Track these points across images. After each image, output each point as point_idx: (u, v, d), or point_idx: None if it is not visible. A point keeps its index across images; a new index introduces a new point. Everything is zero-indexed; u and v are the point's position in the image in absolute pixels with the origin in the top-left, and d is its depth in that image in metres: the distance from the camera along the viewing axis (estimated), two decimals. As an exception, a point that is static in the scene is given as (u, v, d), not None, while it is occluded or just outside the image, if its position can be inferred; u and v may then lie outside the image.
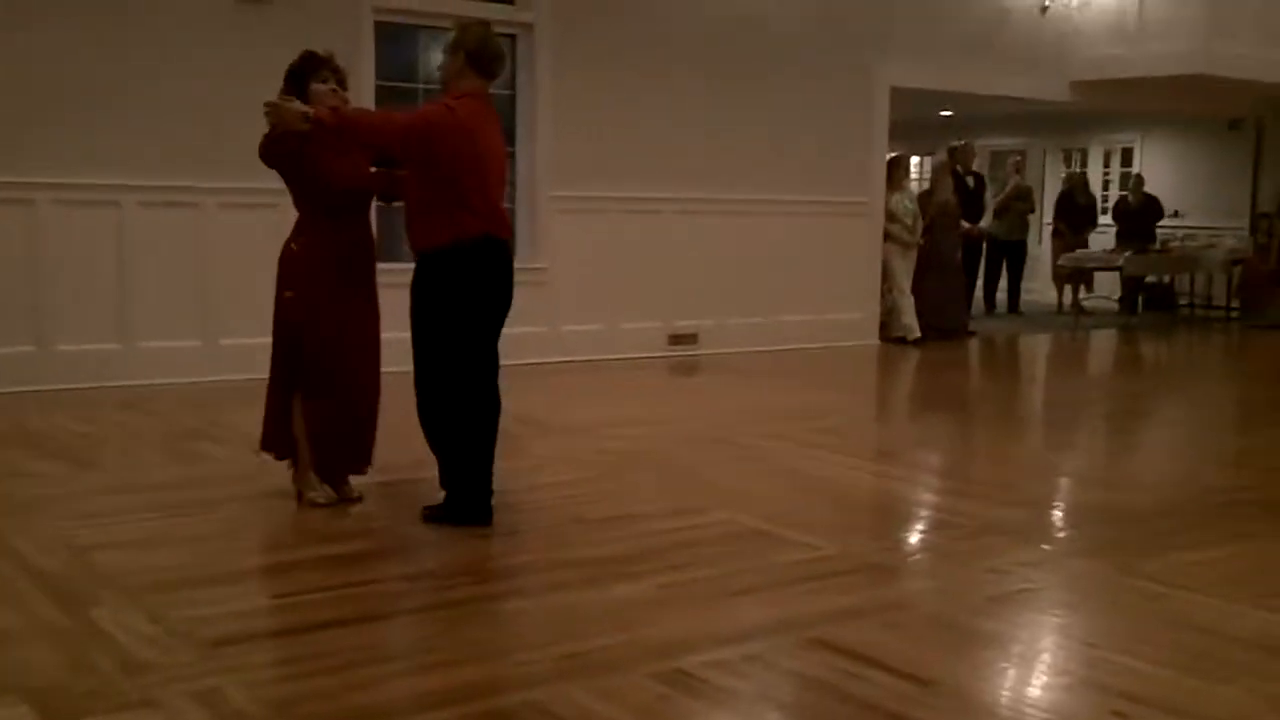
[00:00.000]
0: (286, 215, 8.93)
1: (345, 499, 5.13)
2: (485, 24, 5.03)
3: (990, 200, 12.92)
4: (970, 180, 12.88)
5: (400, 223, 4.98)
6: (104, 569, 4.26)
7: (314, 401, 5.06)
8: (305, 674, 3.36)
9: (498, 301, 4.86)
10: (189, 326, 8.38)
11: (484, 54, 4.83)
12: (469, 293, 4.76)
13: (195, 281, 8.38)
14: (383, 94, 9.01)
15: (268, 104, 4.78)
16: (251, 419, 7.08)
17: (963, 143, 13.31)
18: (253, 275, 8.47)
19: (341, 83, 5.05)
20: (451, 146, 4.67)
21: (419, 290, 4.83)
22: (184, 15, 8.23)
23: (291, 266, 5.08)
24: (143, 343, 8.25)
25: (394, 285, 5.07)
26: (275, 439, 5.21)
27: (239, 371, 8.35)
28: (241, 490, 5.44)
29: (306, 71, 5.00)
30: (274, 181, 8.40)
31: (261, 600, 4.00)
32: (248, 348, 8.45)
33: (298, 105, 4.78)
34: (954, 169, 12.81)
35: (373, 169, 5.13)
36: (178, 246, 8.32)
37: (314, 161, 4.91)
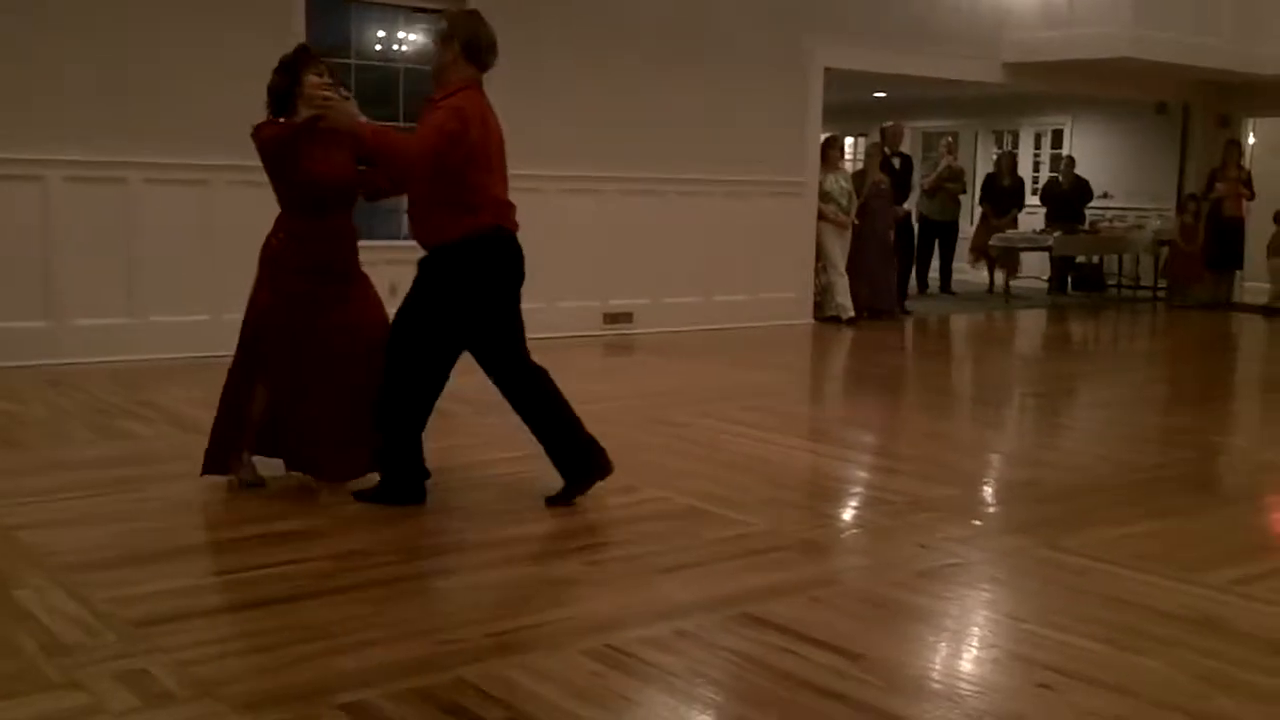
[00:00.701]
0: (215, 191, 8.89)
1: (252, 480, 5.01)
2: (475, 13, 4.96)
3: (918, 181, 13.00)
4: (896, 161, 12.94)
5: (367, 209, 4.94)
6: (28, 549, 4.19)
7: (279, 395, 4.91)
8: (234, 654, 3.33)
9: (510, 292, 4.88)
10: (117, 304, 8.25)
11: (478, 44, 4.76)
12: (481, 287, 4.77)
13: (123, 258, 8.24)
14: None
15: (327, 95, 4.69)
16: (180, 397, 7.04)
17: (890, 124, 13.39)
18: (182, 252, 8.42)
19: (332, 78, 4.92)
20: (465, 149, 4.63)
21: (429, 285, 4.78)
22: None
23: (269, 260, 4.98)
24: (70, 320, 8.11)
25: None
26: (217, 459, 5.00)
27: (169, 350, 8.27)
28: (169, 469, 5.36)
29: (301, 64, 4.87)
30: (201, 157, 8.34)
31: (189, 580, 3.95)
32: (177, 325, 8.39)
33: (352, 108, 4.72)
34: (882, 150, 12.91)
35: (360, 167, 4.99)
36: (105, 223, 8.18)
37: (303, 157, 4.80)
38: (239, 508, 4.78)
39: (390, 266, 7.04)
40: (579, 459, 4.87)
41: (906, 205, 12.92)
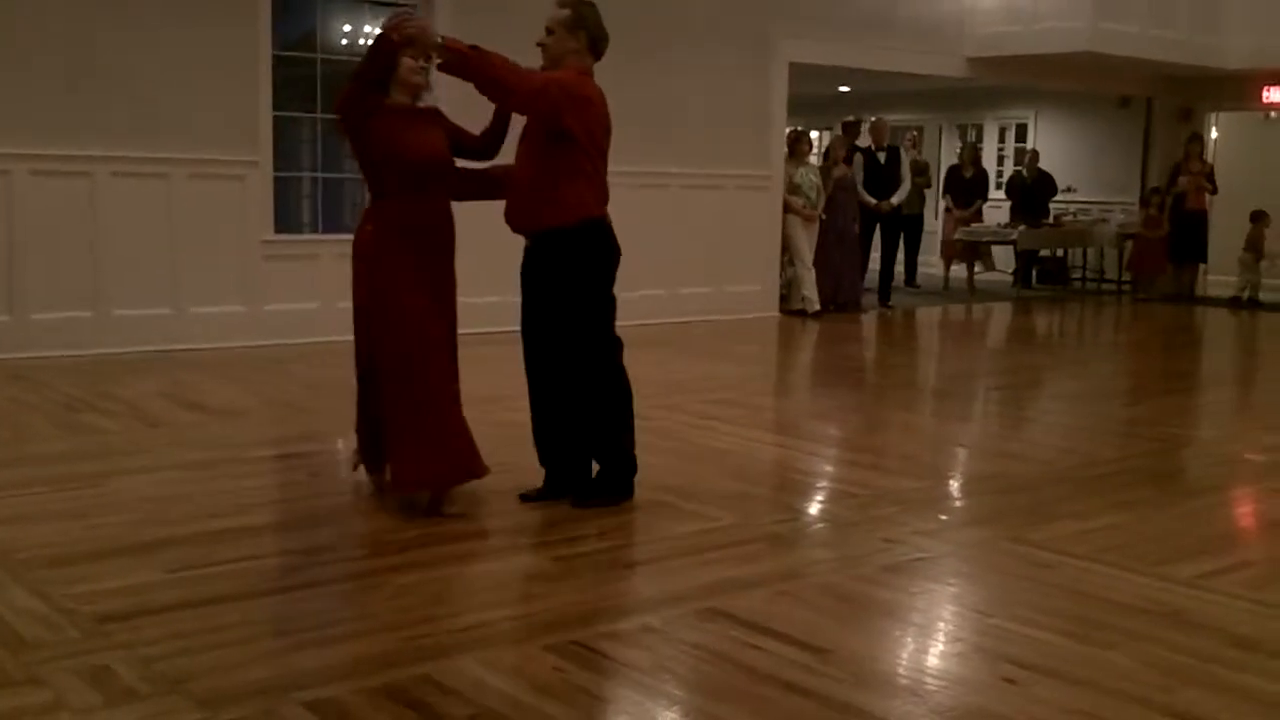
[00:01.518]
0: (177, 185, 8.80)
1: (434, 509, 4.63)
2: (594, 4, 4.91)
3: (904, 175, 13.01)
4: (882, 156, 12.96)
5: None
6: (-13, 546, 4.14)
7: (393, 387, 4.59)
8: (197, 649, 3.30)
9: (612, 282, 4.93)
10: (81, 298, 8.16)
11: (602, 36, 4.87)
12: (599, 273, 4.81)
13: (87, 252, 8.16)
14: (279, 64, 8.83)
15: (414, 22, 4.60)
16: (144, 390, 6.98)
17: (872, 119, 13.41)
18: (144, 245, 8.34)
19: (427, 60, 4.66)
20: (586, 119, 4.62)
21: (541, 273, 4.75)
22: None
23: (363, 250, 4.68)
24: (33, 315, 8.02)
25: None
26: (368, 452, 4.84)
27: (132, 343, 8.19)
28: (133, 463, 5.32)
29: (397, 48, 4.56)
30: (165, 150, 8.26)
31: (152, 575, 3.90)
32: (141, 319, 8.31)
33: (436, 33, 4.57)
34: (866, 146, 12.95)
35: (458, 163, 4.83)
36: (69, 216, 8.10)
37: (383, 136, 4.55)
38: (203, 502, 4.74)
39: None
40: (628, 471, 4.87)
41: (894, 199, 12.90)
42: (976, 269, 14.91)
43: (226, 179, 8.50)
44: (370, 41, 4.63)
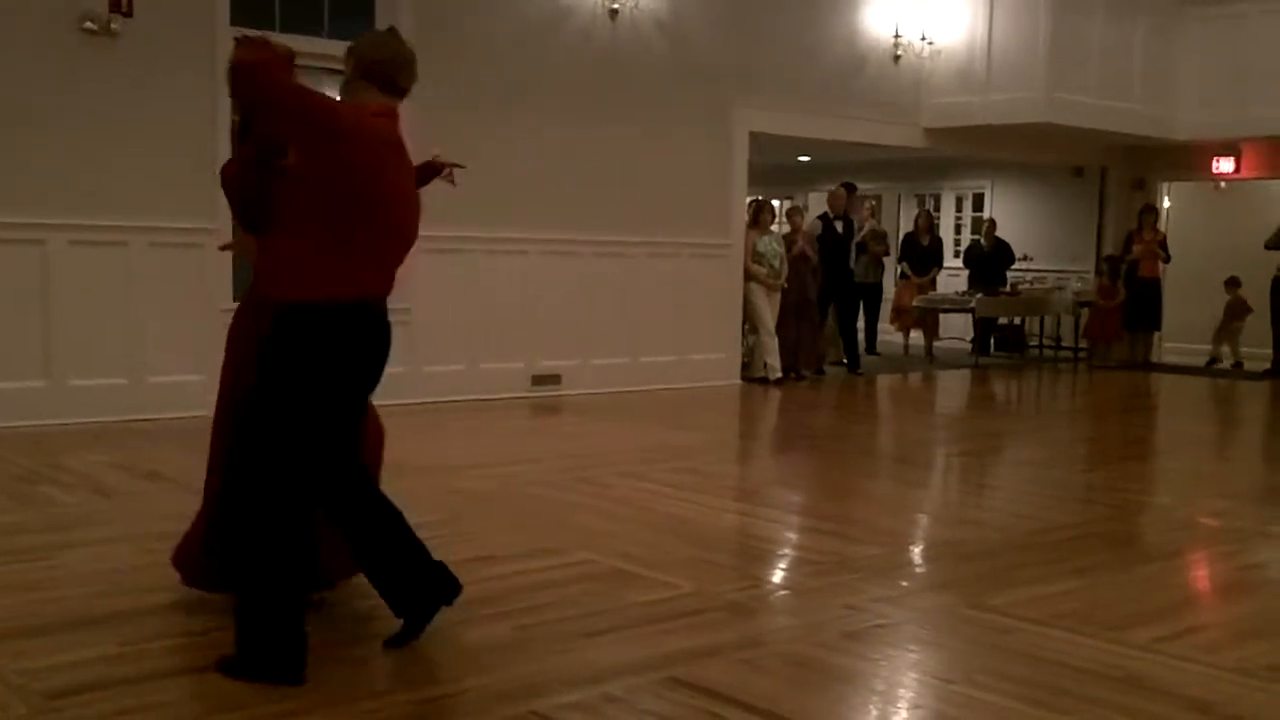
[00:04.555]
0: (135, 253, 8.77)
1: None
2: (390, 29, 4.00)
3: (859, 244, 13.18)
4: (839, 225, 13.09)
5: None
6: (-66, 620, 4.07)
7: None
8: (148, 726, 3.24)
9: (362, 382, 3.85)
10: (34, 367, 8.09)
11: (383, 61, 3.78)
12: (334, 367, 3.69)
13: (41, 321, 8.10)
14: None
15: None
16: (99, 462, 6.90)
17: (833, 188, 13.56)
18: (101, 314, 8.29)
19: None
20: (358, 161, 3.57)
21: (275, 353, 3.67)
22: (26, 47, 7.98)
23: None
24: (-17, 384, 7.95)
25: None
26: None
27: (87, 414, 8.11)
28: (86, 535, 5.25)
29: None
30: (122, 219, 8.25)
31: (103, 649, 3.84)
32: (96, 389, 8.24)
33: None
34: (822, 213, 13.10)
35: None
36: (23, 285, 8.05)
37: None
38: (157, 573, 4.66)
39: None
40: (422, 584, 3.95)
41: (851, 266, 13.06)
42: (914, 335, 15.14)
43: (184, 247, 8.48)
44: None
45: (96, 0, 8.15)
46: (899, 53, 12.79)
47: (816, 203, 14.00)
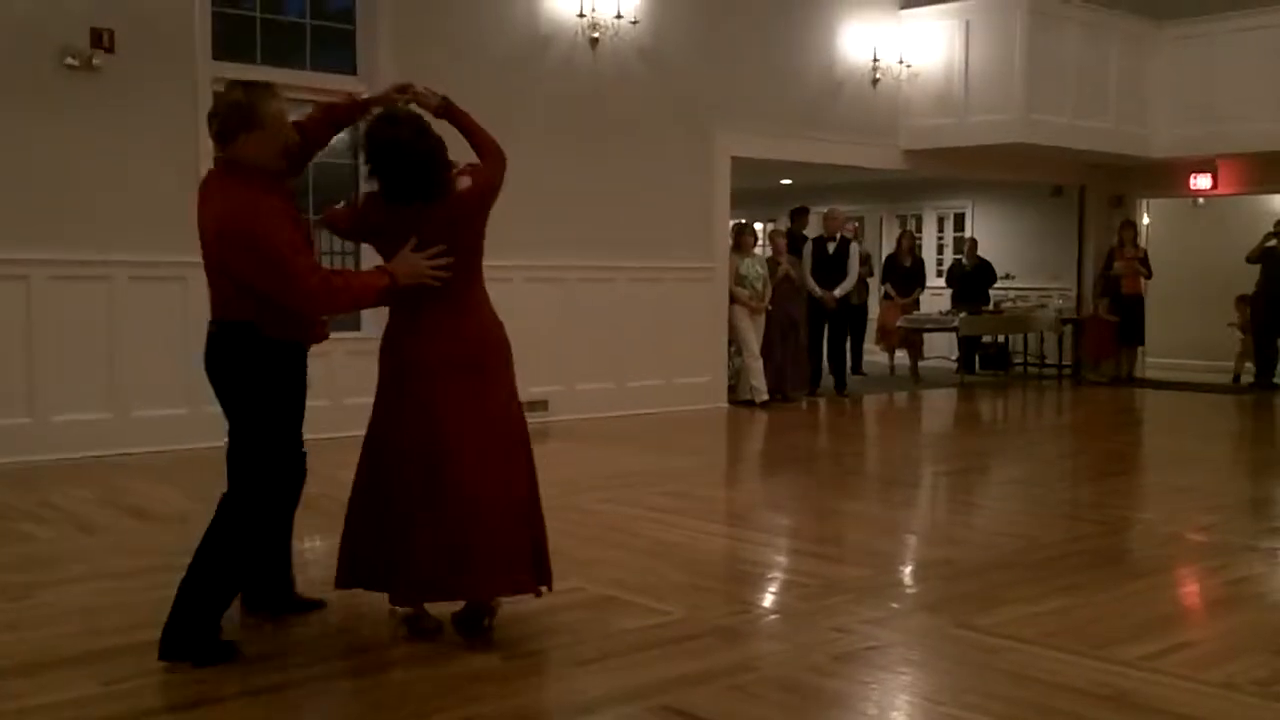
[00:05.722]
0: (118, 287, 8.73)
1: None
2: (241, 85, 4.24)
3: (853, 267, 13.11)
4: (831, 246, 13.04)
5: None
6: (-84, 662, 4.03)
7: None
8: (133, 765, 3.21)
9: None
10: (16, 403, 8.05)
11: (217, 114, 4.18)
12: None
13: (23, 357, 8.06)
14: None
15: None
16: (82, 498, 6.86)
17: (826, 210, 13.54)
18: (83, 348, 8.26)
19: None
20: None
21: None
22: (5, 82, 7.97)
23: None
24: (-35, 421, 7.91)
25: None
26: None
27: (70, 450, 8.07)
28: (66, 573, 5.21)
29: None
30: (104, 253, 8.22)
31: (86, 688, 3.80)
32: (79, 424, 8.20)
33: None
34: (817, 235, 13.08)
35: None
36: (5, 321, 8.02)
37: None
38: (140, 610, 4.63)
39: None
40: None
41: (838, 291, 12.94)
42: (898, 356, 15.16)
43: (167, 280, 8.46)
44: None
45: (78, 35, 8.16)
46: (877, 76, 12.86)
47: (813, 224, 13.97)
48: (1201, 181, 14.93)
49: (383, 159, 4.23)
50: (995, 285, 15.81)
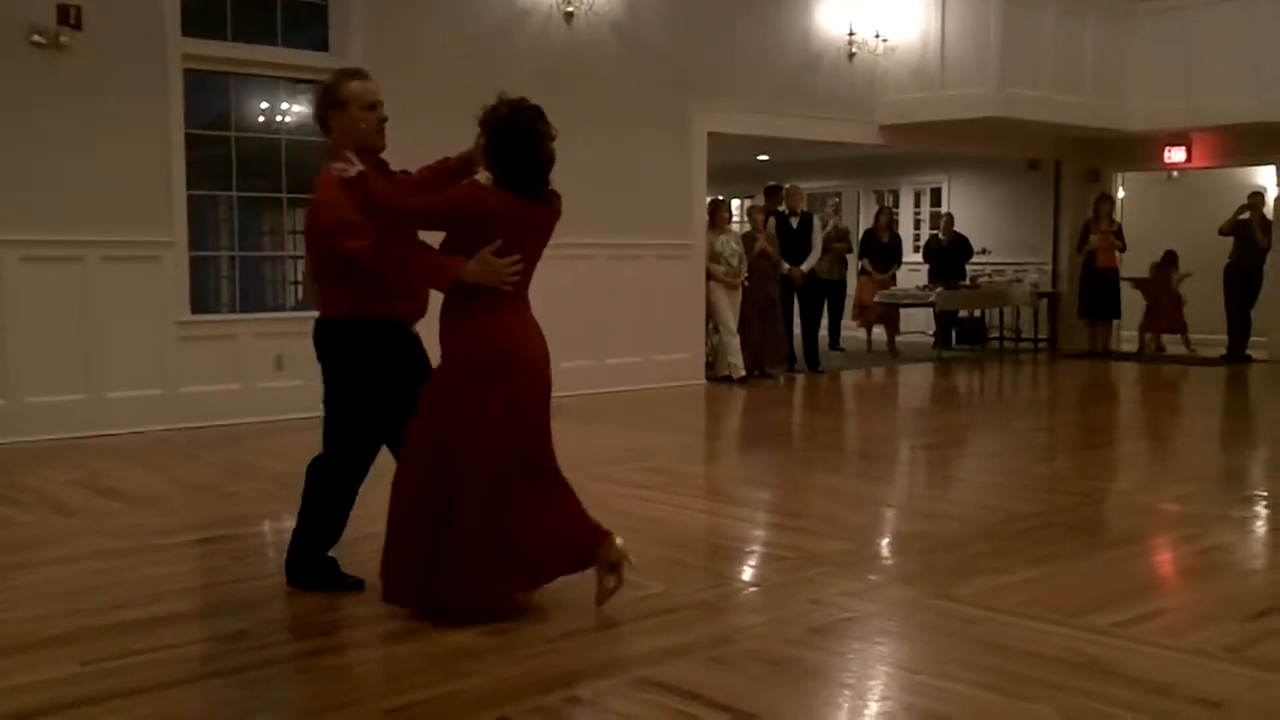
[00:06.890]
0: (91, 268, 8.67)
1: None
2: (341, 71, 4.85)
3: (817, 240, 13.11)
4: (794, 221, 13.05)
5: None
6: (-108, 644, 4.01)
7: None
8: (112, 744, 3.21)
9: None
10: (-11, 385, 8.01)
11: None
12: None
13: (-5, 338, 8.02)
14: (193, 141, 8.80)
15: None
16: (57, 479, 6.83)
17: (787, 185, 13.54)
18: (56, 330, 8.21)
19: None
20: None
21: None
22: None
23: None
24: (-61, 404, 7.86)
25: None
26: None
27: (44, 431, 8.04)
28: (43, 555, 5.19)
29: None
30: (77, 233, 8.16)
31: (65, 669, 3.80)
32: (53, 405, 8.15)
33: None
34: (777, 210, 13.05)
35: None
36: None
37: None
38: (117, 591, 4.63)
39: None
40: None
41: (804, 266, 12.94)
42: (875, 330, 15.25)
43: (141, 260, 8.42)
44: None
45: (44, 13, 8.08)
46: (854, 51, 12.85)
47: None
48: (1176, 155, 14.99)
49: (525, 148, 4.58)
50: (972, 260, 15.85)
